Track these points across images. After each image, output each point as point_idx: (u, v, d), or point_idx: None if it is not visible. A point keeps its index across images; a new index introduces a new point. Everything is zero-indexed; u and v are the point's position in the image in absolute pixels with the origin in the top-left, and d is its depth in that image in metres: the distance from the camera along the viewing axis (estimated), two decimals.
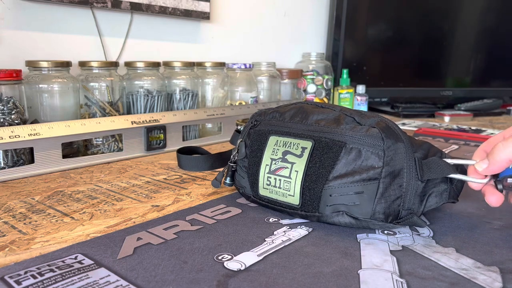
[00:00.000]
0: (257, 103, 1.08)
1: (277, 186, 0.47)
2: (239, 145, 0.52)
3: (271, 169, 0.47)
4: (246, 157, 0.51)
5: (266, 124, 0.51)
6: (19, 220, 0.47)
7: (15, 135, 0.62)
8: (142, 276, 0.34)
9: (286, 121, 0.49)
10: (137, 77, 0.86)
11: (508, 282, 0.34)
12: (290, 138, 0.47)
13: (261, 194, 0.49)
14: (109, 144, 0.78)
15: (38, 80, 0.74)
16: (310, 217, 0.45)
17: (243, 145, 0.52)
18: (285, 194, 0.46)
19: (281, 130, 0.49)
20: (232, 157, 0.53)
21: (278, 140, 0.48)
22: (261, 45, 1.35)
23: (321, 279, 0.35)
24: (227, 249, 0.40)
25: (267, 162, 0.48)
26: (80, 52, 0.91)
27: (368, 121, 0.44)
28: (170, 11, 1.02)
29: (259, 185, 0.49)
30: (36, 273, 0.35)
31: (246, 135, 0.53)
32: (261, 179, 0.48)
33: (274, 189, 0.47)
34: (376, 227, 0.43)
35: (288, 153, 0.46)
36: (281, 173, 0.46)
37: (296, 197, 0.45)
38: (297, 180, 0.45)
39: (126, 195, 0.56)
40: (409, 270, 0.36)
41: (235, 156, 0.53)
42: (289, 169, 0.46)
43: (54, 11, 0.87)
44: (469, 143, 0.96)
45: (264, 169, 0.48)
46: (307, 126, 0.47)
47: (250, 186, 0.50)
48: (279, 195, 0.47)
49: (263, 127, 0.51)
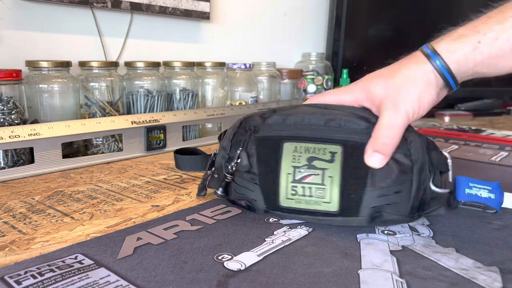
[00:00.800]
0: (257, 103, 1.08)
1: (307, 194, 0.44)
2: (240, 155, 0.47)
3: (296, 178, 0.45)
4: (251, 169, 0.47)
5: (271, 130, 0.47)
6: (19, 220, 0.47)
7: (15, 135, 0.62)
8: (142, 276, 0.34)
9: (298, 125, 0.46)
10: (137, 77, 0.86)
11: (508, 282, 0.34)
12: (312, 143, 0.45)
13: (283, 205, 0.46)
14: (109, 144, 0.78)
15: (38, 80, 0.74)
16: (350, 221, 0.44)
17: (245, 155, 0.47)
18: (318, 202, 0.44)
19: (296, 136, 0.46)
20: (230, 168, 0.48)
21: (298, 146, 0.45)
22: (261, 45, 1.35)
23: (321, 279, 0.35)
24: (227, 249, 0.40)
25: (289, 171, 0.45)
26: (80, 52, 0.91)
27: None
28: (170, 11, 1.02)
29: (281, 196, 0.45)
30: (36, 273, 0.35)
31: (245, 143, 0.48)
32: (283, 189, 0.45)
33: (303, 198, 0.45)
34: (412, 221, 0.46)
35: (315, 159, 0.44)
36: (310, 181, 0.44)
37: (334, 204, 0.44)
38: (333, 187, 0.44)
39: (126, 195, 0.56)
40: (409, 270, 0.36)
41: (233, 166, 0.48)
42: (321, 176, 0.44)
43: (54, 11, 0.87)
44: (469, 143, 0.96)
45: (286, 179, 0.45)
46: (326, 130, 0.45)
47: (265, 199, 0.47)
48: (311, 204, 0.44)
49: (267, 133, 0.47)
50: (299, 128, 0.46)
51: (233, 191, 0.49)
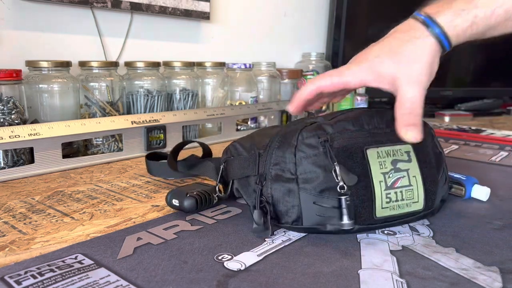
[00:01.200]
0: (257, 103, 1.08)
1: (399, 199, 0.43)
2: (341, 170, 0.40)
3: (388, 184, 0.43)
4: (344, 184, 0.40)
5: (346, 139, 0.43)
6: (19, 220, 0.47)
7: (15, 135, 0.62)
8: (142, 276, 0.34)
9: (367, 130, 0.44)
10: (137, 77, 0.86)
11: (508, 282, 0.34)
12: (387, 146, 0.44)
13: (378, 217, 0.42)
14: (109, 144, 0.78)
15: (38, 80, 0.74)
16: (427, 215, 0.47)
17: (343, 169, 0.41)
18: (408, 203, 0.44)
19: (374, 140, 0.44)
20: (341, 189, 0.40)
21: (379, 151, 0.43)
22: (261, 45, 1.35)
23: (321, 279, 0.35)
24: (227, 249, 0.40)
25: (380, 178, 0.42)
26: (80, 52, 0.91)
27: None
28: (170, 11, 1.02)
29: (376, 207, 0.42)
30: (36, 273, 0.35)
31: (326, 157, 0.41)
32: (379, 199, 0.42)
33: (396, 203, 0.43)
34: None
35: (398, 161, 0.44)
36: (400, 184, 0.43)
37: (421, 202, 0.44)
38: (418, 185, 0.44)
39: (126, 195, 0.56)
40: (409, 270, 0.36)
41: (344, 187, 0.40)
42: (407, 177, 0.44)
43: (54, 11, 0.87)
44: (469, 143, 0.96)
45: (380, 187, 0.42)
46: (392, 131, 0.44)
47: (357, 216, 0.41)
48: (402, 208, 0.43)
49: (345, 142, 0.42)
50: (369, 132, 0.44)
51: (311, 216, 0.42)
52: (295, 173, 0.42)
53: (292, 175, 0.42)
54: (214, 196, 0.50)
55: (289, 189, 0.42)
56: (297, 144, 0.42)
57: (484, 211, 0.51)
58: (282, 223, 0.43)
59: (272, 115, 1.07)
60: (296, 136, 0.42)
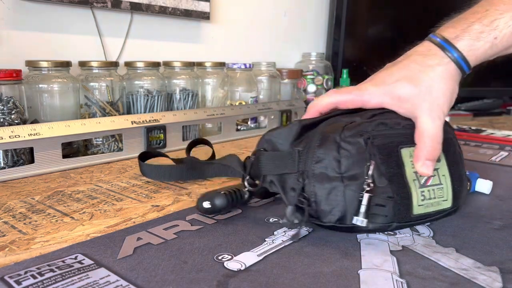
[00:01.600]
0: (257, 103, 1.08)
1: (432, 197, 0.44)
2: (374, 169, 0.41)
3: (421, 183, 0.43)
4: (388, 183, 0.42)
5: (384, 138, 0.43)
6: (19, 220, 0.47)
7: (15, 135, 0.62)
8: (142, 276, 0.34)
9: (400, 130, 0.44)
10: (137, 77, 0.86)
11: (508, 282, 0.34)
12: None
13: (416, 214, 0.43)
14: (109, 144, 0.78)
15: (38, 80, 0.74)
16: (452, 213, 0.47)
17: (377, 168, 0.41)
18: (439, 201, 0.45)
19: (407, 140, 0.44)
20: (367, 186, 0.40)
21: (411, 151, 0.44)
22: (261, 45, 1.35)
23: (321, 279, 0.35)
24: (227, 249, 0.40)
25: (413, 177, 0.43)
26: (80, 52, 0.91)
27: None
28: (170, 11, 1.02)
29: (413, 205, 0.43)
30: (36, 273, 0.35)
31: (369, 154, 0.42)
32: (415, 197, 0.43)
33: (429, 201, 0.44)
34: None
35: None
36: (432, 183, 0.44)
37: (449, 200, 0.45)
38: (447, 184, 0.45)
39: (126, 195, 0.56)
40: (409, 270, 0.36)
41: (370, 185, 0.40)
42: (437, 176, 0.44)
43: (54, 11, 0.87)
44: (469, 143, 0.96)
45: (414, 185, 0.43)
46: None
47: (394, 214, 0.42)
48: (434, 206, 0.44)
49: (384, 140, 0.43)
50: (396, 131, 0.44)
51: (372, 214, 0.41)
52: (339, 171, 0.41)
53: (336, 174, 0.41)
54: (245, 191, 0.49)
55: (334, 187, 0.41)
56: (340, 142, 0.42)
57: (484, 211, 0.51)
58: (324, 222, 0.42)
59: (272, 115, 1.07)
60: (338, 135, 0.42)
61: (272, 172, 0.45)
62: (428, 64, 0.44)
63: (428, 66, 0.44)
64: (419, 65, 0.44)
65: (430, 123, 0.43)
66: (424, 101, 0.43)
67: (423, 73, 0.43)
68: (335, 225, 0.42)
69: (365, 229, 0.41)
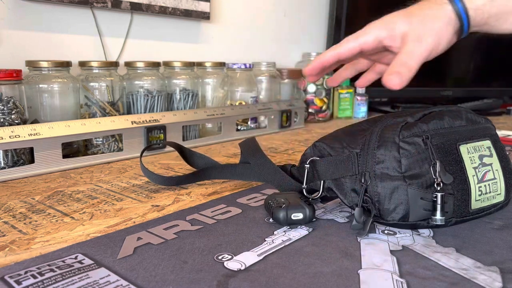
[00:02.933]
0: (257, 103, 1.08)
1: (488, 192, 0.46)
2: (440, 168, 0.42)
3: (479, 178, 0.45)
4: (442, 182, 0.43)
5: (441, 136, 0.45)
6: (19, 220, 0.47)
7: (15, 135, 0.62)
8: (142, 276, 0.34)
9: (455, 128, 0.46)
10: (137, 77, 0.86)
11: (508, 282, 0.34)
12: (474, 142, 0.46)
13: (473, 208, 0.45)
14: (109, 144, 0.78)
15: (38, 80, 0.74)
16: (503, 207, 0.48)
17: (442, 167, 0.43)
18: (494, 196, 0.46)
19: (463, 137, 0.46)
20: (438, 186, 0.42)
21: (468, 147, 0.46)
22: (261, 45, 1.35)
23: (321, 279, 0.35)
24: (227, 249, 0.40)
25: (473, 173, 0.45)
26: (80, 52, 0.91)
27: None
28: (170, 11, 1.02)
29: (472, 200, 0.45)
30: (36, 273, 0.35)
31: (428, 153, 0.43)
32: (474, 193, 0.45)
33: (485, 196, 0.46)
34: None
35: (483, 156, 0.46)
36: (487, 178, 0.46)
37: (502, 194, 0.47)
38: (500, 178, 0.47)
39: (126, 195, 0.56)
40: (409, 270, 0.36)
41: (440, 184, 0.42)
42: (491, 171, 0.46)
43: (54, 11, 0.87)
44: None
45: (473, 181, 0.45)
46: (472, 128, 0.48)
47: (454, 210, 0.43)
48: (490, 200, 0.46)
49: (440, 140, 0.44)
50: (454, 129, 0.46)
51: (418, 212, 0.43)
52: (401, 170, 0.43)
53: (398, 173, 0.43)
54: (309, 199, 0.50)
55: (397, 187, 0.43)
56: (399, 143, 0.43)
57: None
58: (387, 220, 0.44)
59: (272, 115, 1.07)
60: (397, 135, 0.44)
61: (332, 177, 0.47)
62: (427, 5, 0.47)
63: (427, 6, 0.47)
64: (419, 5, 0.48)
65: (412, 45, 0.46)
66: (414, 32, 0.46)
67: (419, 10, 0.47)
68: (398, 222, 0.44)
69: (426, 225, 0.44)
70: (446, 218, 0.43)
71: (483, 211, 0.46)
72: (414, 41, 0.46)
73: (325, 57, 0.51)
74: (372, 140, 0.45)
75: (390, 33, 0.48)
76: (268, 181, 0.56)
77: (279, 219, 0.45)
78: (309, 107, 1.29)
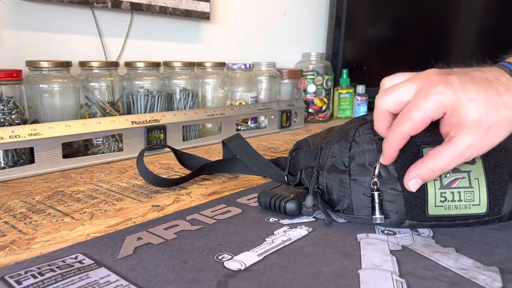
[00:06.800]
0: (257, 103, 1.08)
1: (456, 199, 0.43)
2: (381, 168, 0.43)
3: (444, 184, 0.43)
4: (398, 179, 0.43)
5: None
6: (19, 220, 0.47)
7: (16, 135, 0.62)
8: (142, 276, 0.34)
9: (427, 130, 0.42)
10: (137, 77, 0.86)
11: (508, 282, 0.34)
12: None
13: (430, 214, 0.43)
14: (109, 144, 0.78)
15: (38, 80, 0.74)
16: (492, 221, 0.45)
17: (384, 167, 0.43)
18: (468, 205, 0.44)
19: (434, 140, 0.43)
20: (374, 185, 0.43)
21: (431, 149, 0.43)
22: (261, 45, 1.35)
23: (321, 279, 0.35)
24: (227, 249, 0.40)
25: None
26: (80, 52, 0.91)
27: None
28: (170, 11, 1.02)
29: (428, 205, 0.43)
30: (36, 273, 0.35)
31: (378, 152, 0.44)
32: (431, 197, 0.43)
33: (452, 203, 0.43)
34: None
35: None
36: (458, 185, 0.43)
37: (483, 205, 0.44)
38: (481, 188, 0.43)
39: (126, 195, 0.56)
40: (409, 270, 0.36)
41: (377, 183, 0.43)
42: (467, 179, 0.43)
43: (54, 11, 0.87)
44: None
45: (434, 186, 0.43)
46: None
47: (407, 211, 0.43)
48: (460, 209, 0.44)
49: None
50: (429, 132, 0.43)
51: (361, 207, 0.45)
52: (348, 165, 0.46)
53: (345, 167, 0.46)
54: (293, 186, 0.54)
55: (341, 180, 0.46)
56: (353, 139, 0.46)
57: None
58: (335, 211, 0.47)
59: (272, 115, 1.07)
60: (353, 132, 0.46)
61: (302, 167, 0.52)
62: (504, 89, 0.39)
63: (504, 92, 0.39)
64: (495, 89, 0.39)
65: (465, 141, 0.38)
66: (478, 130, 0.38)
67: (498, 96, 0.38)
68: (344, 214, 0.46)
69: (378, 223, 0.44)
70: (397, 219, 0.43)
71: (454, 220, 0.44)
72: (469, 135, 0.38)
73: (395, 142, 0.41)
74: (335, 136, 0.48)
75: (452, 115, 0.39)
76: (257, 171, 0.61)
77: (293, 211, 0.48)
78: (309, 107, 1.29)
